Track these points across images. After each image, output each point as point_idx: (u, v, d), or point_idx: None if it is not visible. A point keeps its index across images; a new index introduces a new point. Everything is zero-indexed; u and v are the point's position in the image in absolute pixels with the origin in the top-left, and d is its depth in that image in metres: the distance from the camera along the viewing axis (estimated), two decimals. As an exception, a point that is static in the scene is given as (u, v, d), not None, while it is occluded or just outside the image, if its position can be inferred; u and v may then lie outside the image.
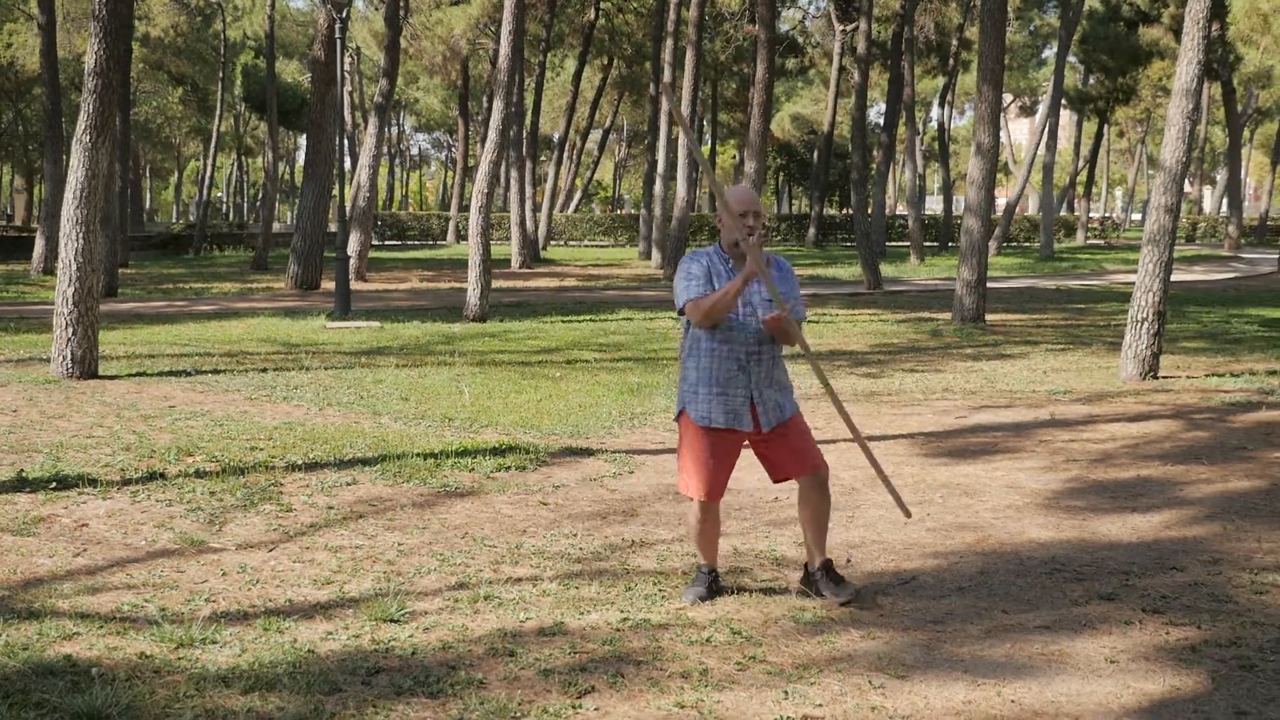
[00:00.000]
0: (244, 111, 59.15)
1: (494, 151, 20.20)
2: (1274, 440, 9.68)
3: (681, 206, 31.19)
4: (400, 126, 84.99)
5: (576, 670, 4.76)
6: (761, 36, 19.98)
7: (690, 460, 5.56)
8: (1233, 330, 18.61)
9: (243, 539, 6.60)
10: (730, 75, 59.81)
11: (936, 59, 54.11)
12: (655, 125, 38.89)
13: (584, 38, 46.15)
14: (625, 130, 77.09)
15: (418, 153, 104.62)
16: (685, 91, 31.30)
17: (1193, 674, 4.79)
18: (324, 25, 27.00)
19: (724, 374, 5.46)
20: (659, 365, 14.31)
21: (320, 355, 14.88)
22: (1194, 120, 13.27)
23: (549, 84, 59.50)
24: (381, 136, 30.97)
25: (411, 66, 50.40)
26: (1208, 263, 41.34)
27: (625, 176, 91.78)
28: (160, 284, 29.36)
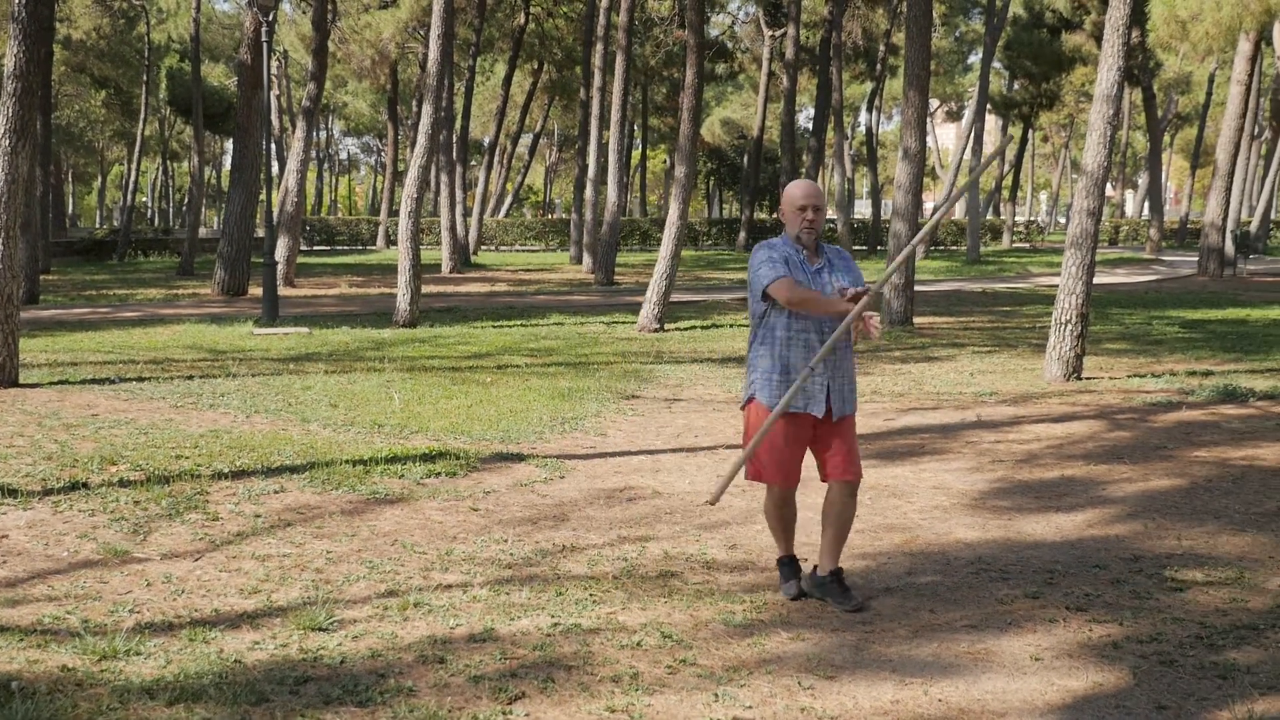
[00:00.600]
0: (169, 115, 58.37)
1: (423, 156, 20.10)
2: (1194, 440, 9.87)
3: (612, 211, 31.20)
4: (329, 130, 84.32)
5: (507, 676, 4.75)
6: (691, 42, 20.06)
7: (765, 448, 5.61)
8: (1154, 332, 18.94)
9: (168, 549, 6.51)
10: (660, 80, 59.96)
11: (864, 64, 54.65)
12: (586, 130, 38.89)
13: (514, 42, 46.05)
14: (556, 135, 77.06)
15: (347, 157, 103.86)
16: (615, 96, 31.31)
17: (1115, 670, 4.88)
18: (250, 28, 26.72)
19: (799, 361, 5.57)
20: (590, 370, 14.31)
21: (247, 362, 14.72)
22: (1115, 125, 13.50)
23: (479, 88, 59.31)
24: (310, 141, 30.72)
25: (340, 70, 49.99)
26: (1130, 265, 42.02)
27: (556, 181, 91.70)
28: (83, 290, 28.90)
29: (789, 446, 5.63)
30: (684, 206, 19.72)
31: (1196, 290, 29.52)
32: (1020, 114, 55.11)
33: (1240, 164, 36.22)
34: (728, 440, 10.01)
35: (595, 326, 20.00)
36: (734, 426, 10.66)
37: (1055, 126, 78.23)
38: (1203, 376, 13.45)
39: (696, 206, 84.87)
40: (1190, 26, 27.83)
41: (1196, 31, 27.74)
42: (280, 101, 59.87)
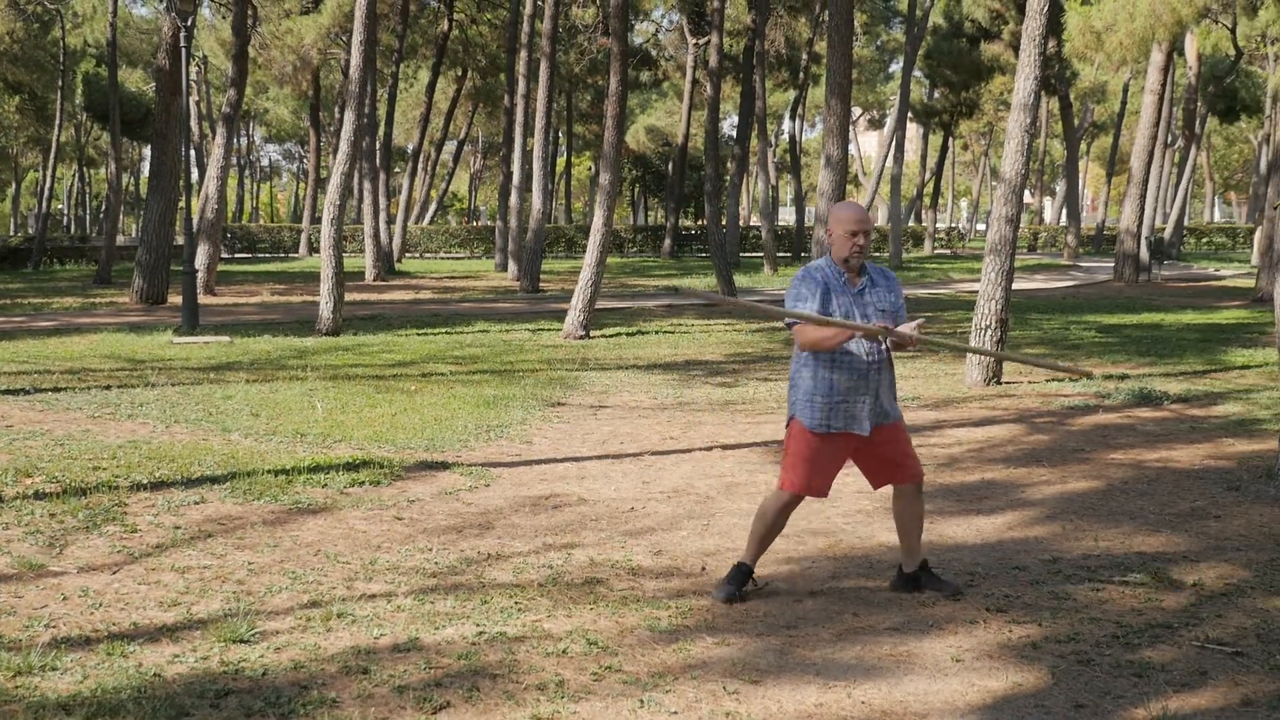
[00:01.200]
0: (85, 121, 57.43)
1: (346, 163, 19.95)
2: (1110, 442, 10.05)
3: (537, 218, 31.15)
4: (250, 137, 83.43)
5: (431, 686, 4.73)
6: (614, 49, 20.09)
7: (801, 462, 5.73)
8: (1072, 336, 19.25)
9: (85, 561, 6.40)
10: (585, 87, 60.01)
11: (787, 73, 55.01)
12: (510, 137, 38.78)
13: (438, 49, 45.84)
14: (481, 142, 76.81)
15: (268, 164, 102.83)
16: (540, 103, 31.28)
17: (1034, 670, 4.95)
18: (169, 33, 26.35)
19: (845, 383, 5.66)
20: (515, 377, 14.28)
21: (167, 371, 14.51)
22: (1032, 134, 13.72)
23: (403, 95, 58.98)
24: (230, 147, 30.37)
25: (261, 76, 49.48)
26: (1048, 271, 42.66)
27: (481, 188, 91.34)
28: (-3, 299, 28.33)
29: (825, 463, 5.73)
30: (609, 214, 19.75)
31: (1113, 295, 30.05)
32: (941, 122, 55.86)
33: (1154, 172, 36.95)
34: (653, 446, 10.03)
35: (521, 334, 19.96)
36: (659, 433, 10.70)
37: (975, 134, 79.37)
38: (1119, 380, 13.70)
39: (622, 214, 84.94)
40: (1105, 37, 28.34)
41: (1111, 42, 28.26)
42: (200, 107, 59.15)
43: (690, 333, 20.27)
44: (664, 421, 11.38)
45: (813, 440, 5.70)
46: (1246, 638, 5.31)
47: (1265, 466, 8.80)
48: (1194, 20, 30.09)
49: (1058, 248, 61.87)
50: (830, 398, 5.66)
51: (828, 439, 5.70)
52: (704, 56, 43.62)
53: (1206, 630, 5.41)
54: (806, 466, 5.72)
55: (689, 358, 16.66)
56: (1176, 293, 31.22)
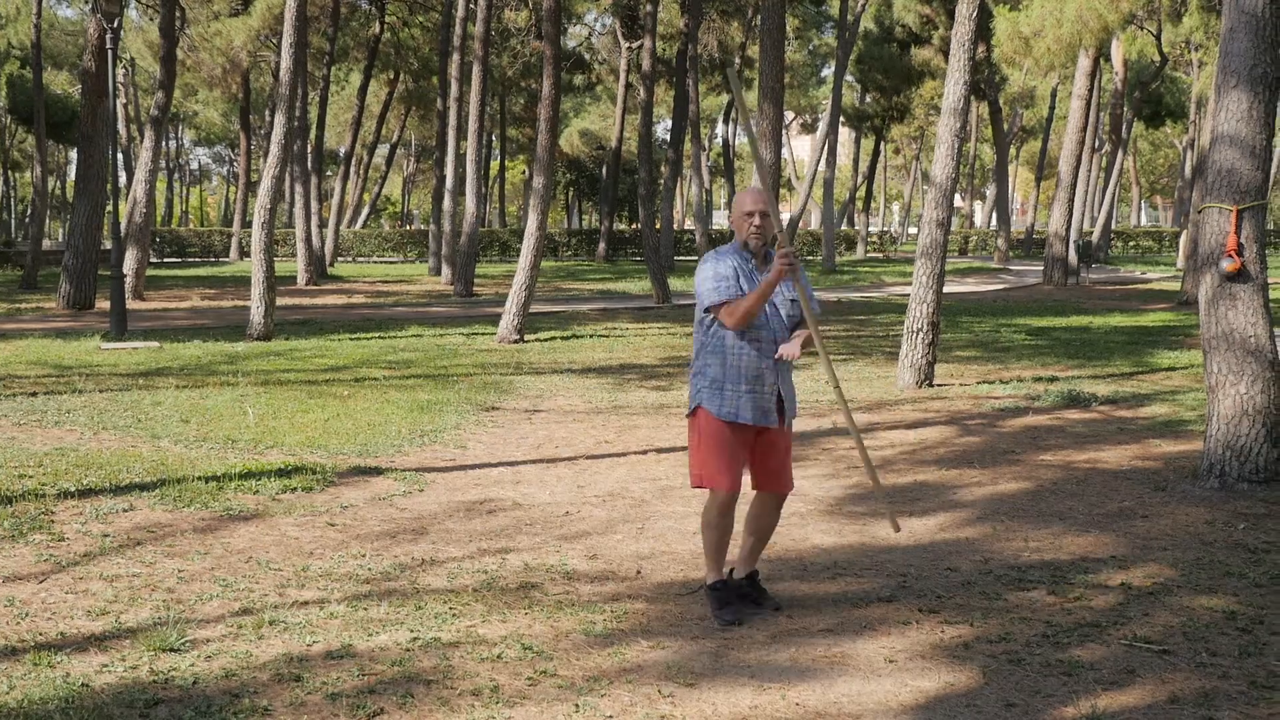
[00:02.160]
0: (9, 124, 56.41)
1: (276, 166, 19.77)
2: (1039, 444, 10.18)
3: (471, 222, 31.03)
4: (179, 140, 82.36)
5: (365, 693, 4.69)
6: (548, 53, 20.08)
7: (712, 454, 5.56)
8: (1002, 339, 19.47)
9: (10, 571, 6.29)
10: (518, 91, 59.85)
11: (720, 76, 55.19)
12: (444, 140, 38.60)
13: (369, 51, 45.55)
14: (414, 145, 76.38)
15: (198, 167, 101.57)
16: (472, 107, 31.16)
17: (966, 670, 5.00)
18: (95, 35, 25.97)
19: (753, 370, 5.52)
20: (449, 382, 14.21)
21: (95, 377, 14.29)
22: (962, 138, 13.87)
23: (334, 98, 58.54)
24: (159, 150, 29.97)
25: (190, 79, 48.83)
26: (979, 275, 43.14)
27: (414, 192, 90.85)
28: (-81, 305, 27.77)
29: (735, 452, 5.58)
30: (542, 217, 19.72)
31: (1042, 299, 30.44)
32: (873, 126, 56.36)
33: (1082, 176, 37.48)
34: (588, 450, 10.03)
35: (455, 338, 19.87)
36: (594, 437, 10.69)
37: (906, 139, 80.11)
38: (1048, 382, 13.88)
39: (556, 217, 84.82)
40: (1033, 43, 28.70)
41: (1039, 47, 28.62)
42: (127, 110, 58.37)
43: (625, 336, 20.28)
44: (599, 425, 11.38)
45: (719, 429, 5.55)
46: (1173, 636, 5.40)
47: (1191, 467, 8.95)
48: (1120, 26, 30.57)
49: (988, 251, 62.55)
50: (739, 386, 5.53)
51: (736, 429, 5.56)
52: (637, 60, 43.70)
53: (1134, 629, 5.49)
54: (719, 458, 5.55)
55: (623, 361, 16.67)
56: (1104, 296, 31.68)
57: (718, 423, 5.55)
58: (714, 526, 5.70)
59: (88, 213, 26.75)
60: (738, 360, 5.54)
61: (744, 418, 5.54)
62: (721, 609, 5.62)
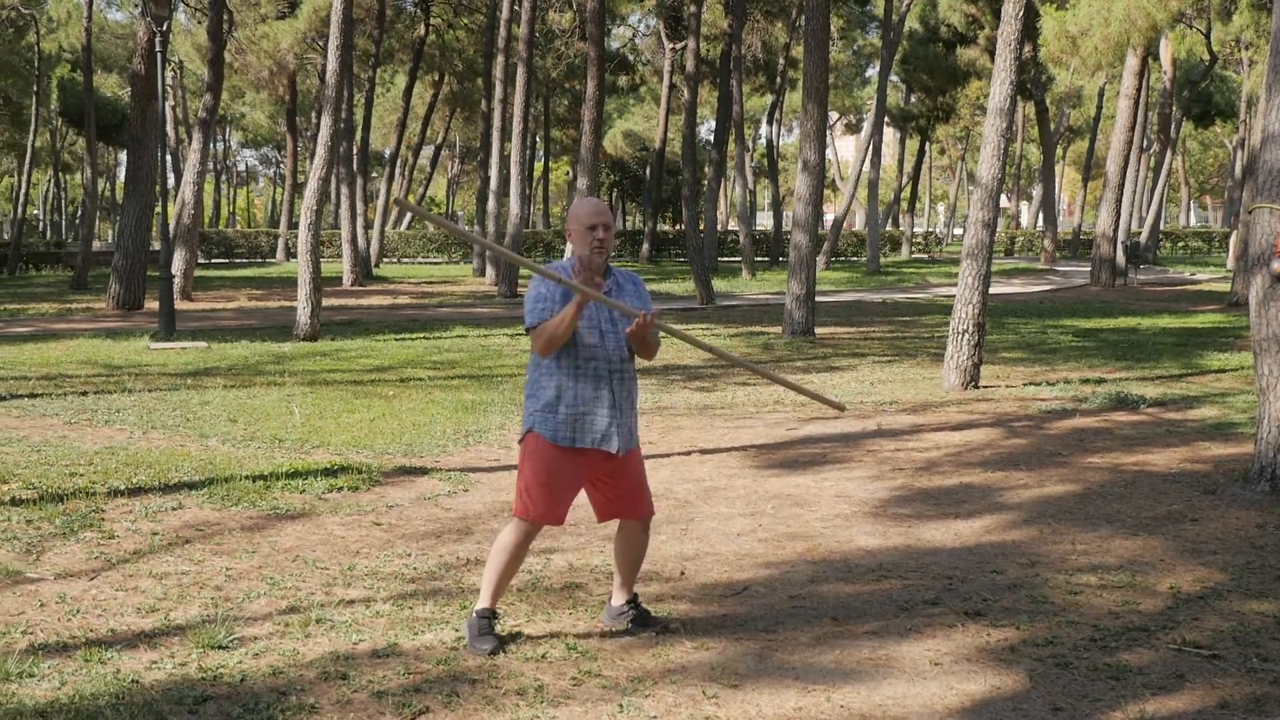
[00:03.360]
0: (61, 126, 57.10)
1: (323, 167, 19.91)
2: (1087, 446, 10.09)
3: (515, 223, 31.14)
4: (226, 142, 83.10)
5: (411, 691, 4.72)
6: (592, 54, 20.12)
7: (536, 482, 5.20)
8: (1049, 340, 19.33)
9: (62, 568, 6.37)
10: (562, 92, 60.00)
11: (764, 77, 55.14)
12: (488, 141, 38.78)
13: (414, 53, 45.79)
14: (458, 147, 76.68)
15: (245, 169, 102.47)
16: (517, 108, 31.26)
17: (1012, 673, 4.97)
18: (144, 38, 26.25)
19: (588, 392, 5.17)
20: (494, 382, 14.26)
21: (144, 377, 14.45)
22: (1008, 138, 13.78)
23: (380, 99, 58.85)
24: (206, 152, 30.27)
25: (237, 81, 49.30)
26: (1025, 275, 42.83)
27: (459, 193, 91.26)
28: (-28, 305, 28.16)
29: (563, 484, 5.22)
30: (587, 218, 19.71)
31: (1089, 300, 30.19)
32: (918, 126, 56.09)
33: (1130, 176, 37.12)
34: (632, 451, 10.02)
35: (499, 339, 19.94)
36: (638, 438, 10.68)
37: (952, 139, 79.62)
38: (1096, 384, 13.76)
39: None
40: (1080, 42, 28.49)
41: (1086, 47, 28.41)
42: (176, 112, 58.91)
43: (667, 337, 20.24)
44: (642, 426, 11.37)
45: (553, 457, 5.16)
46: (1223, 641, 5.34)
47: (1241, 470, 8.85)
48: (1169, 25, 30.28)
49: (1034, 252, 62.13)
50: (575, 408, 5.15)
51: (570, 455, 5.17)
52: (681, 61, 43.70)
53: (1183, 633, 5.43)
54: (545, 491, 5.17)
55: (667, 362, 16.66)
56: (1153, 297, 31.38)
57: (551, 449, 5.17)
58: (508, 553, 5.26)
59: (137, 214, 27.06)
60: (574, 382, 5.16)
61: (580, 442, 5.17)
62: (480, 636, 5.21)
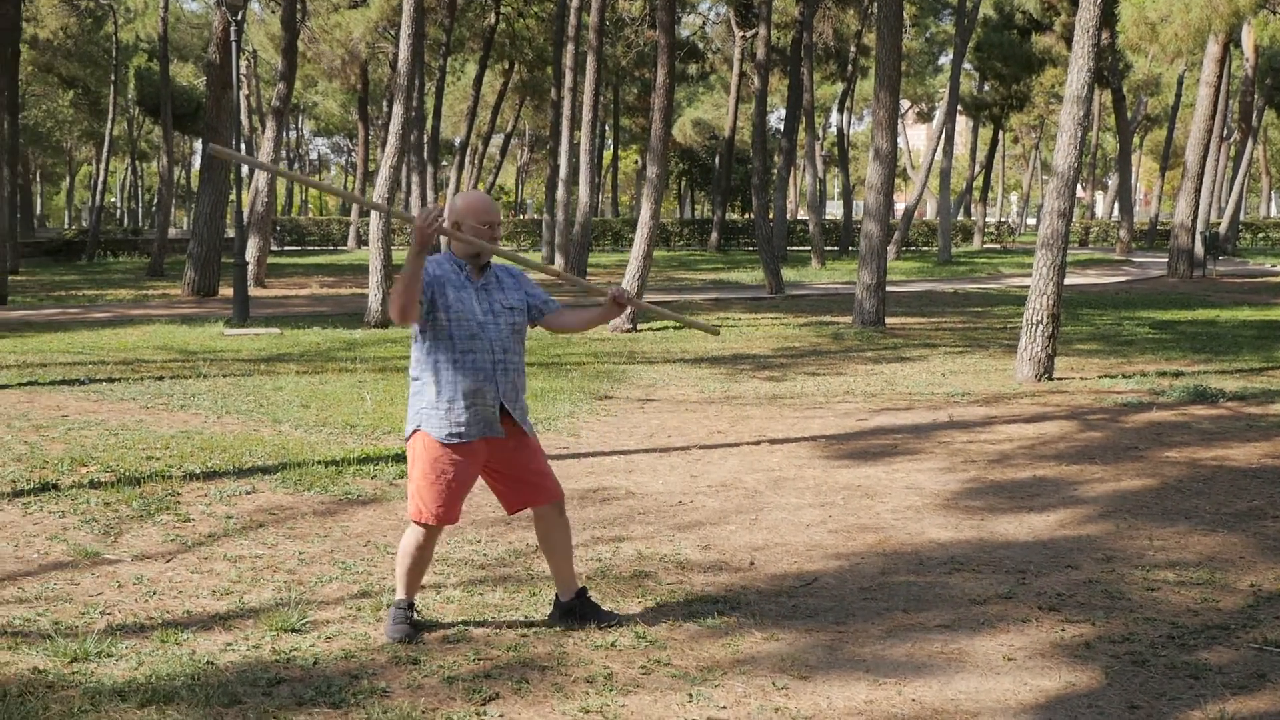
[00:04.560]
0: (138, 115, 57.99)
1: (394, 156, 20.04)
2: (1164, 440, 9.93)
3: (584, 211, 31.19)
4: (299, 130, 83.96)
5: (480, 677, 4.73)
6: (662, 42, 20.05)
7: (428, 483, 5.08)
8: (1125, 332, 19.05)
9: (139, 550, 6.47)
10: (632, 80, 59.93)
11: (835, 65, 54.69)
12: (557, 130, 38.79)
13: (485, 42, 45.97)
14: (527, 135, 76.89)
15: (317, 157, 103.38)
16: (586, 97, 31.28)
17: (1087, 670, 4.89)
18: (219, 28, 26.57)
19: (471, 385, 5.05)
20: (562, 370, 14.29)
21: (218, 363, 14.64)
22: (1085, 127, 13.57)
23: (450, 88, 59.16)
24: (280, 141, 30.59)
25: (310, 70, 49.77)
26: (1100, 266, 42.26)
27: (528, 181, 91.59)
28: (52, 291, 28.67)
29: (457, 482, 5.11)
30: (655, 207, 19.73)
31: (1167, 291, 29.72)
32: (991, 115, 55.36)
33: (1209, 165, 36.49)
34: (701, 440, 10.01)
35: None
36: (706, 427, 10.67)
37: (1025, 128, 78.58)
38: (1173, 377, 13.54)
39: (668, 207, 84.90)
40: (1159, 28, 27.98)
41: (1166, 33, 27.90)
42: (250, 101, 59.55)
43: (738, 326, 20.22)
44: (711, 415, 11.35)
45: (442, 455, 5.06)
46: (1305, 639, 5.23)
47: (1323, 465, 8.66)
48: (1251, 11, 29.62)
49: (1110, 243, 61.26)
50: (455, 402, 5.05)
51: (459, 450, 5.07)
52: (751, 49, 43.49)
53: (1264, 632, 5.32)
54: (436, 490, 5.07)
55: (736, 351, 16.61)
56: (1232, 289, 30.83)
57: (440, 447, 5.07)
58: (410, 556, 5.22)
59: (212, 202, 27.43)
60: (455, 375, 5.05)
61: (469, 435, 5.07)
62: (394, 625, 5.20)
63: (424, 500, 5.11)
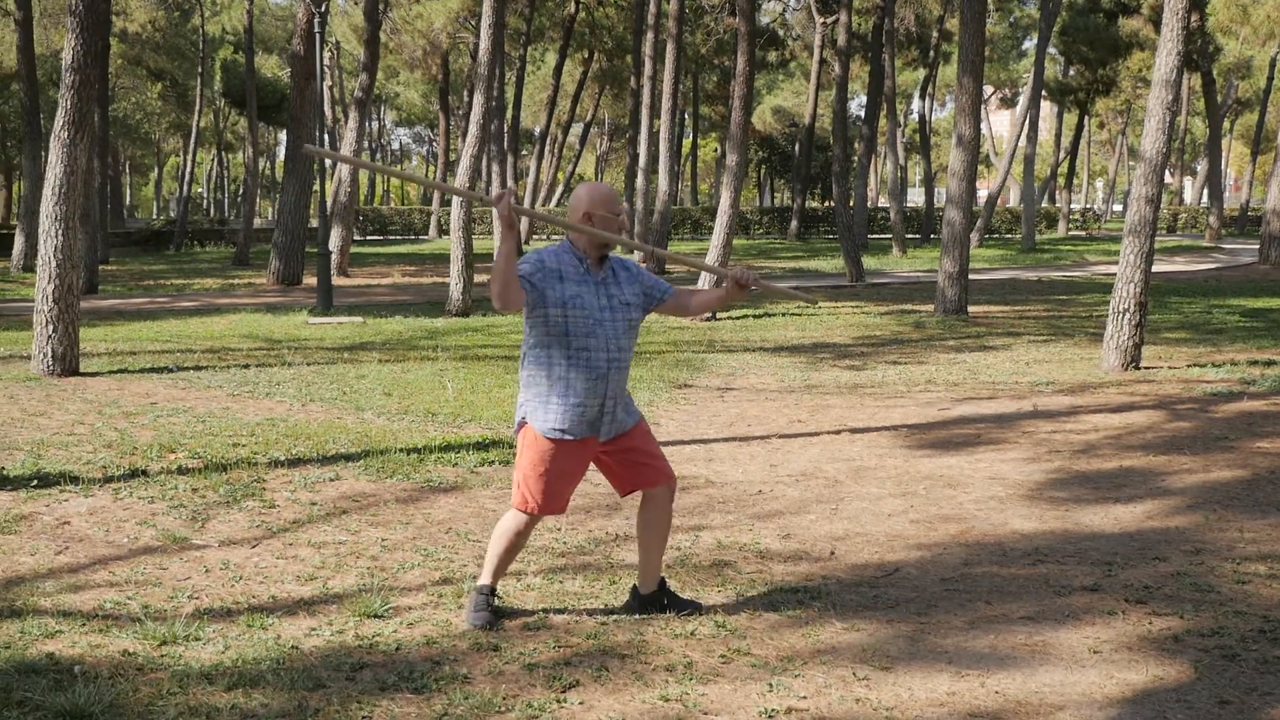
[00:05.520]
0: (224, 107, 58.86)
1: (475, 145, 20.16)
2: (1256, 430, 9.72)
3: (664, 200, 31.17)
4: (381, 121, 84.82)
5: (561, 664, 4.75)
6: (742, 29, 19.96)
7: (536, 474, 5.06)
8: (1214, 320, 18.68)
9: (225, 535, 6.57)
10: (711, 68, 59.76)
11: (917, 51, 54.19)
12: (636, 119, 38.83)
13: (564, 31, 46.10)
14: (606, 124, 76.97)
15: (399, 147, 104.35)
16: (666, 85, 31.23)
17: (1176, 663, 4.81)
18: (303, 20, 26.90)
19: (585, 382, 4.99)
20: (642, 359, 14.29)
21: (302, 351, 14.83)
22: (1174, 111, 13.31)
23: (530, 78, 59.41)
24: (362, 131, 30.91)
25: (391, 61, 50.28)
26: (1189, 253, 41.47)
27: (607, 170, 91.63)
28: (141, 280, 29.24)
29: (563, 476, 5.10)
30: (735, 195, 19.67)
31: (1258, 279, 29.09)
32: (1076, 100, 54.52)
33: (1302, 150, 35.61)
34: (781, 429, 9.97)
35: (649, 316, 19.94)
36: (786, 416, 10.63)
37: (1112, 113, 77.24)
38: (1265, 366, 13.25)
39: (748, 195, 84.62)
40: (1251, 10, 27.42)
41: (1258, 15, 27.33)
42: (333, 92, 60.25)
43: (817, 315, 20.11)
44: (791, 404, 11.30)
45: (550, 448, 5.02)
46: (1402, 634, 5.10)
47: None
48: (1346, -8, 28.96)
49: (1199, 229, 60.13)
50: (567, 399, 4.98)
51: (564, 447, 5.03)
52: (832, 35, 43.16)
53: (1359, 626, 5.20)
54: (543, 482, 5.05)
55: (816, 340, 16.53)
56: (1324, 275, 30.11)
57: (546, 441, 5.04)
58: (507, 539, 5.21)
59: (296, 192, 27.80)
60: (567, 371, 5.00)
61: (572, 433, 5.03)
62: (476, 611, 5.20)
63: (530, 490, 5.10)
